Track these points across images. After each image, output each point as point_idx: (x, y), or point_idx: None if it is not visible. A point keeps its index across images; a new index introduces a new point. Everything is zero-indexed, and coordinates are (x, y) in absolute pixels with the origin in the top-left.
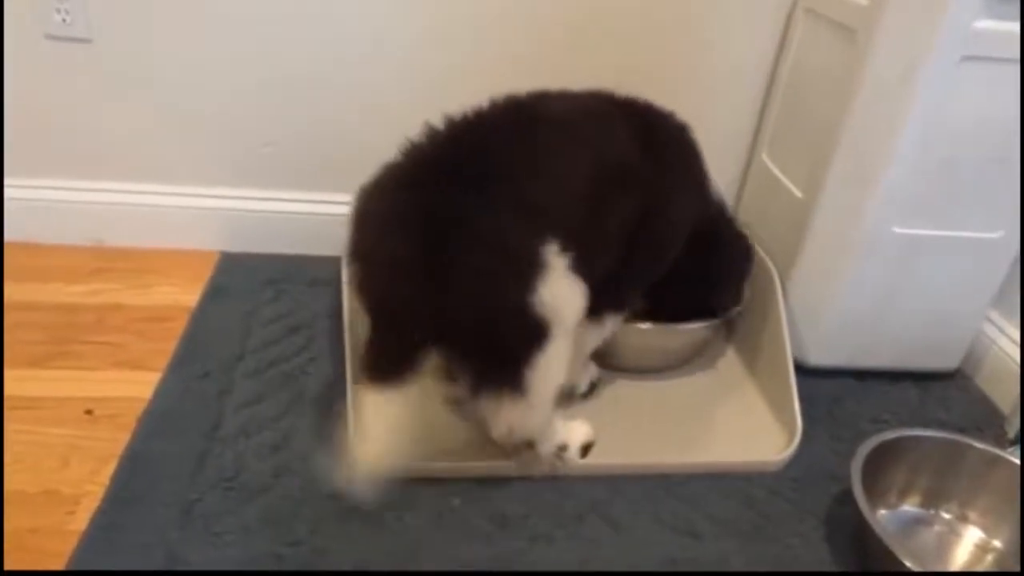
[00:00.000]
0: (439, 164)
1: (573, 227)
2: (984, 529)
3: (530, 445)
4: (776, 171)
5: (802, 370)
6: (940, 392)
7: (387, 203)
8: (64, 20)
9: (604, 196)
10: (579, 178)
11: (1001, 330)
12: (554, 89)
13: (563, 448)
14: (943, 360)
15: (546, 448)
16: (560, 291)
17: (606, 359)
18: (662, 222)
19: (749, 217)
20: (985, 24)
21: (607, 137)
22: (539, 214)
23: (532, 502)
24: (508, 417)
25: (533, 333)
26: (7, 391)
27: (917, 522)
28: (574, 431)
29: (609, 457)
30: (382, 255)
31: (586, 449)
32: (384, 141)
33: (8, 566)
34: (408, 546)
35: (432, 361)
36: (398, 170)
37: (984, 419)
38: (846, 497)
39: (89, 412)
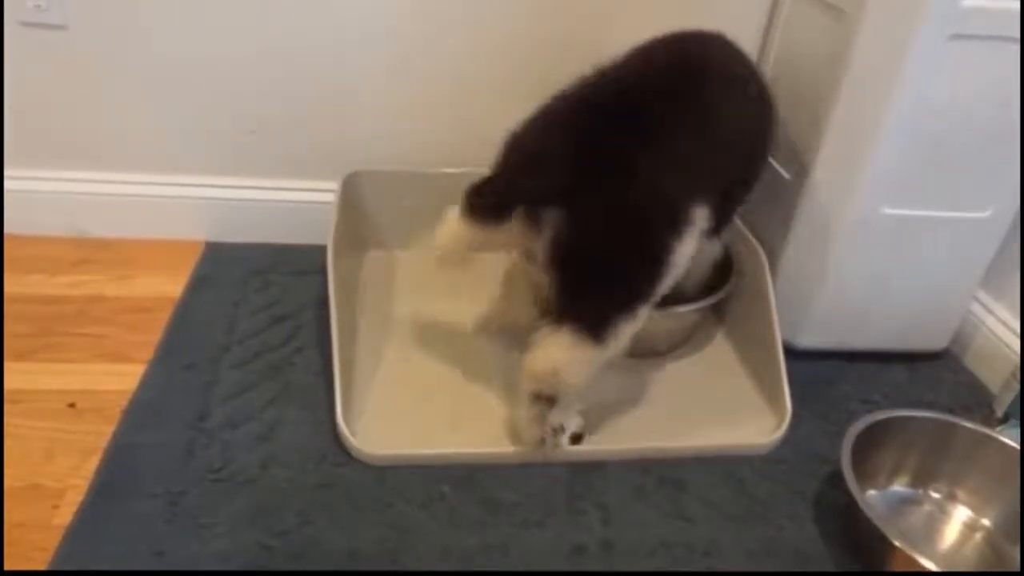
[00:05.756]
0: (607, 108)
1: (718, 189)
2: (973, 508)
3: (549, 401)
4: None
5: (792, 352)
6: (929, 372)
7: (548, 139)
8: (38, 6)
9: (744, 165)
10: (734, 143)
11: (989, 310)
12: (700, 31)
13: (562, 429)
14: (932, 340)
15: (557, 416)
16: (689, 251)
17: None
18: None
19: None
20: (974, 2)
21: (751, 99)
22: (697, 173)
23: (522, 488)
24: (571, 358)
25: (649, 286)
26: None
27: (906, 502)
28: (570, 418)
29: (599, 442)
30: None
31: (576, 439)
32: (370, 128)
33: None
34: (398, 534)
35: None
36: (558, 113)
37: (972, 398)
38: (836, 478)
39: (72, 405)
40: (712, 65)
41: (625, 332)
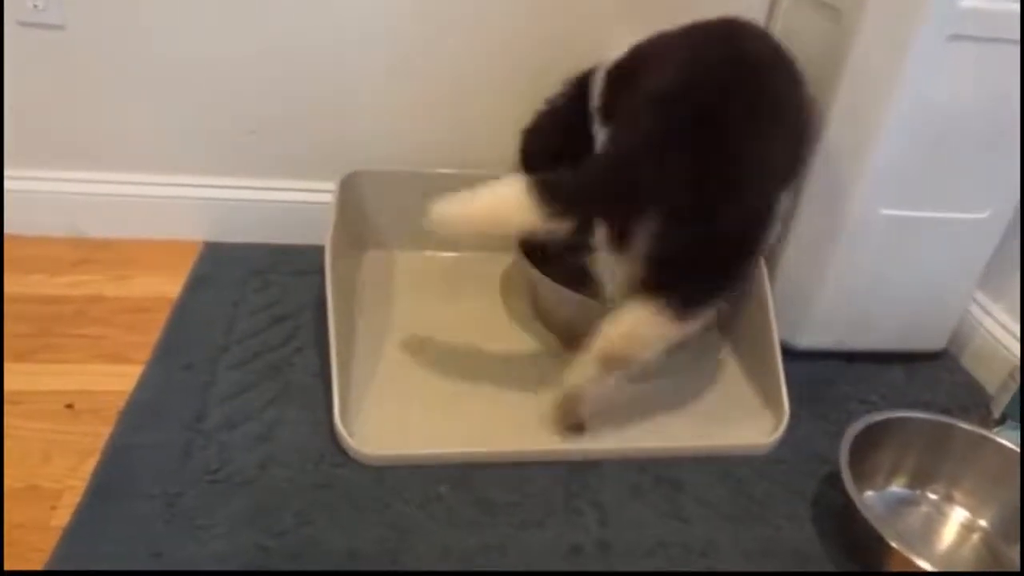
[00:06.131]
0: (708, 115)
1: (789, 179)
2: (970, 509)
3: (616, 365)
4: None
5: (791, 352)
6: (927, 373)
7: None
8: (36, 6)
9: (801, 153)
10: (799, 130)
11: (987, 310)
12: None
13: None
14: (930, 341)
15: (608, 385)
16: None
17: None
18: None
19: None
20: (972, 3)
21: (794, 83)
22: (784, 168)
23: (520, 488)
24: (655, 334)
25: (741, 277)
26: None
27: (904, 503)
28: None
29: (597, 442)
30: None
31: (578, 427)
32: (369, 128)
33: None
34: (397, 534)
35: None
36: (660, 123)
37: (970, 399)
38: (835, 479)
39: (70, 406)
40: (773, 58)
41: (706, 317)
